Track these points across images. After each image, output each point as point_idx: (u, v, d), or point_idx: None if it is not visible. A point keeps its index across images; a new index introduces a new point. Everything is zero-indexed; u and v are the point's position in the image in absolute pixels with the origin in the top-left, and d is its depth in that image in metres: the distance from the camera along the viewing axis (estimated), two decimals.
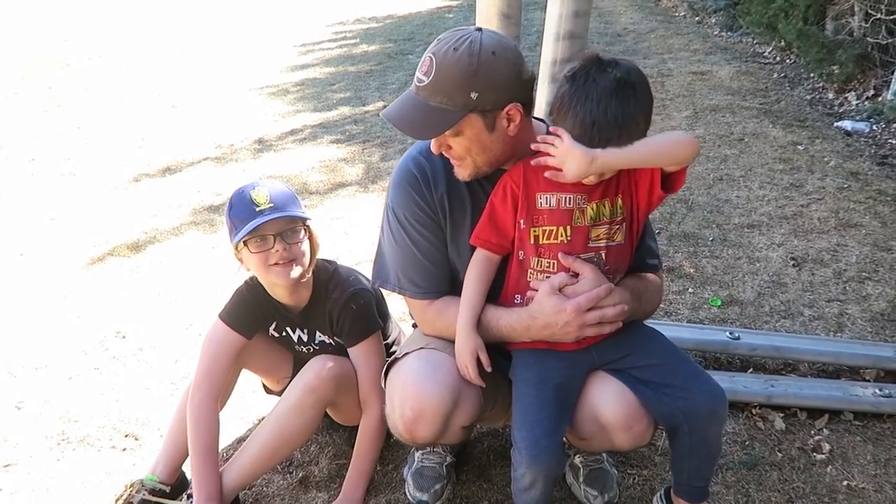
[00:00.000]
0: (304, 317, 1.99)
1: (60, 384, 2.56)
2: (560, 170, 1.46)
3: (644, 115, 1.44)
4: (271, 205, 1.79)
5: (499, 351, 1.67)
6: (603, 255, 1.56)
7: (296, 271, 1.83)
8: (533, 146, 1.49)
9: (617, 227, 1.56)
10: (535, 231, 1.56)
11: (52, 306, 3.09)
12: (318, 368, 1.89)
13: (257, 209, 1.78)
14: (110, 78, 7.58)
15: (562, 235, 1.55)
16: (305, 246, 1.86)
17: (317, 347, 2.05)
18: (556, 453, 1.53)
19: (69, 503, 2.03)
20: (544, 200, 1.55)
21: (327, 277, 1.97)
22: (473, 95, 1.45)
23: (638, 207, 1.59)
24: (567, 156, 1.43)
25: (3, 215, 4.11)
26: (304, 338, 2.04)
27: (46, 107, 6.53)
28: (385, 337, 2.07)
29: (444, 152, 1.58)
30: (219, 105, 6.34)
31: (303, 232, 1.85)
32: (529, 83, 1.54)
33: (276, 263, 1.81)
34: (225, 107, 6.27)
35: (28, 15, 12.10)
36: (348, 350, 1.98)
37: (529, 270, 1.59)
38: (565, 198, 1.54)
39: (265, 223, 1.76)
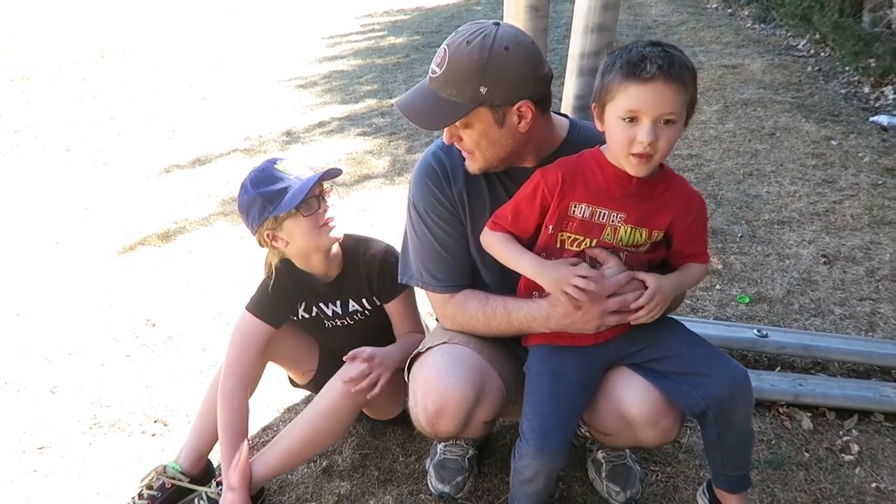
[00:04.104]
0: (335, 287, 2.00)
1: (93, 370, 2.63)
2: None
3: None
4: (299, 172, 1.86)
5: (521, 344, 1.68)
6: (622, 255, 1.55)
7: (342, 226, 1.90)
8: None
9: (643, 250, 1.56)
10: (562, 235, 1.54)
11: (85, 294, 3.17)
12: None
13: (293, 177, 1.83)
14: (143, 69, 7.70)
15: (585, 246, 1.54)
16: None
17: (350, 322, 2.05)
18: (563, 448, 1.53)
19: (100, 486, 2.08)
20: (579, 211, 1.52)
21: (354, 242, 2.02)
22: (483, 90, 1.45)
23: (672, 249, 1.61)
24: None
25: (39, 204, 4.21)
26: (339, 311, 2.04)
27: (81, 98, 6.66)
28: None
29: (455, 143, 1.59)
30: (248, 97, 6.41)
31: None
32: (545, 80, 1.52)
33: (325, 223, 1.86)
34: (254, 99, 6.34)
35: (64, 7, 12.33)
36: (385, 306, 2.02)
37: None
38: (601, 212, 1.51)
39: (316, 184, 1.81)
